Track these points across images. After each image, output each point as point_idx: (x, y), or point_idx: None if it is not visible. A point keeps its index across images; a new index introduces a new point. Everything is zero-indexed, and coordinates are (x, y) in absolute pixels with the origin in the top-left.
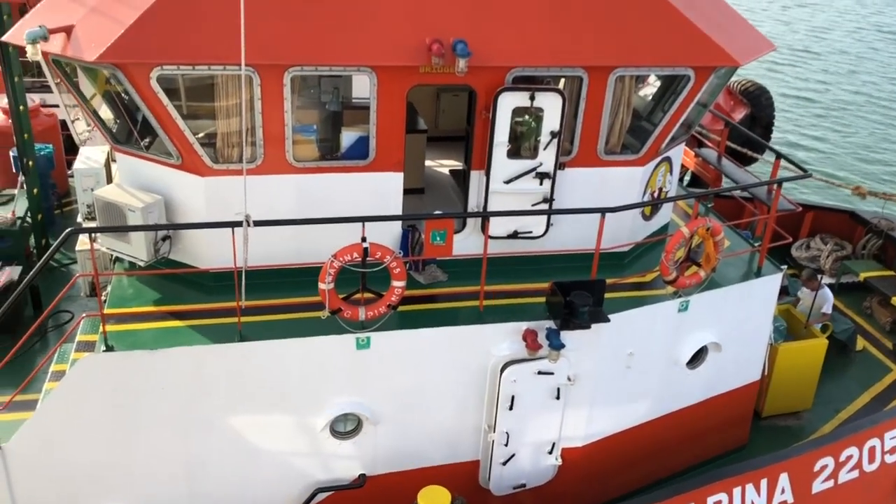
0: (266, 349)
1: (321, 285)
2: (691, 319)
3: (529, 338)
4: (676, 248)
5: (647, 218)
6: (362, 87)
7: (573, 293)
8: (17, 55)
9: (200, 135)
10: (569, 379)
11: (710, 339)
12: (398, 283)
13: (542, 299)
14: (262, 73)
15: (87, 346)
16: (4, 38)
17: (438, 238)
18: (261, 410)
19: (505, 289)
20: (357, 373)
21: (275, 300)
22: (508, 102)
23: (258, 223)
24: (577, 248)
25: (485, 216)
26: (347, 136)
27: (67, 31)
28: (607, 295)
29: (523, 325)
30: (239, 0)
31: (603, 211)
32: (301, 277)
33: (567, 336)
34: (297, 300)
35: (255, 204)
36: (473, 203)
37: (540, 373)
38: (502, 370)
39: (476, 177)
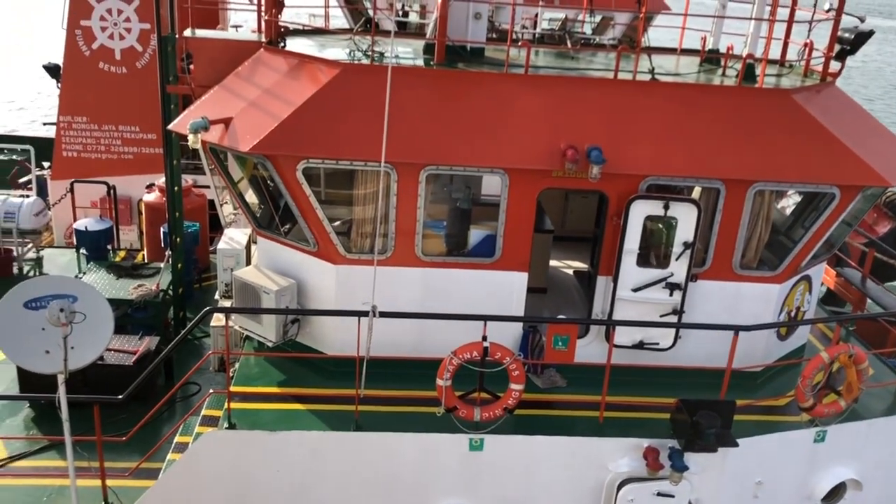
0: (380, 441)
1: (439, 381)
2: (828, 452)
3: (650, 456)
4: (814, 372)
5: (782, 338)
6: (491, 184)
7: (700, 412)
8: (178, 141)
9: (335, 224)
10: None
11: (850, 475)
12: (516, 387)
13: (667, 416)
14: (399, 170)
15: (212, 421)
16: (170, 126)
17: (561, 343)
18: (370, 501)
19: (627, 401)
20: (468, 474)
21: (392, 391)
22: (641, 210)
23: (383, 314)
24: (706, 364)
25: (610, 324)
26: (475, 234)
27: (226, 122)
28: (736, 417)
29: (644, 442)
30: (381, 102)
31: (736, 328)
32: (420, 370)
33: (691, 458)
34: (414, 393)
35: (381, 294)
36: (598, 309)
37: (659, 494)
38: (619, 487)
39: (602, 282)
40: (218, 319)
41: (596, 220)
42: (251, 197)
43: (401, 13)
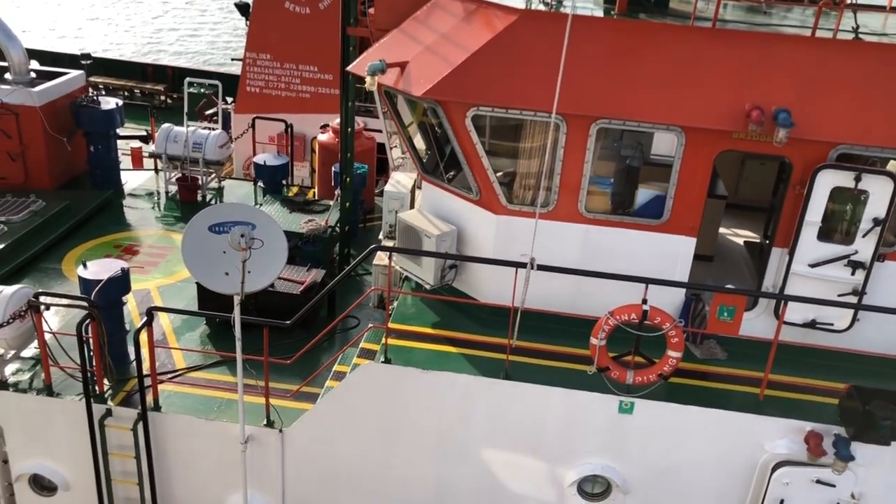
0: (529, 392)
1: (593, 340)
2: None
3: (813, 441)
4: None
5: None
6: (662, 143)
7: (874, 402)
8: (354, 83)
9: (499, 174)
10: (853, 496)
11: None
12: (674, 354)
13: (834, 401)
14: (569, 122)
15: (368, 354)
16: (349, 67)
17: (726, 314)
18: (514, 450)
19: (790, 381)
20: (615, 436)
21: (544, 345)
22: (828, 181)
23: (542, 267)
24: (885, 352)
25: (783, 299)
26: (643, 194)
27: (402, 66)
28: None
29: (807, 426)
30: (556, 51)
31: None
32: (572, 327)
33: (858, 448)
34: (566, 349)
35: (540, 247)
36: (769, 282)
37: (818, 482)
38: (774, 469)
39: (777, 254)
40: (380, 258)
41: (774, 188)
42: (419, 142)
43: None
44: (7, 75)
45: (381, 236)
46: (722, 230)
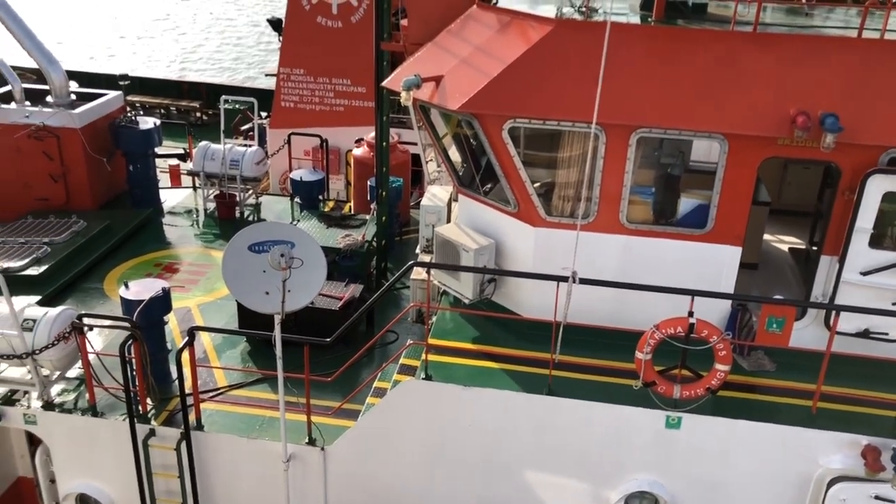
0: (573, 408)
1: (638, 354)
2: None
3: (870, 455)
4: None
5: None
6: (700, 150)
7: None
8: (388, 97)
9: (536, 185)
10: None
11: None
12: (722, 367)
13: (891, 414)
14: (608, 132)
15: (409, 370)
16: (384, 83)
17: (775, 325)
18: (559, 467)
19: (844, 393)
20: (662, 452)
21: (587, 359)
22: (880, 186)
23: (584, 281)
24: None
25: (834, 309)
26: (686, 203)
27: (437, 80)
28: None
29: (863, 440)
30: (593, 60)
31: None
32: (616, 341)
33: None
34: (610, 364)
35: (580, 259)
36: (819, 291)
37: (877, 498)
38: (829, 485)
39: (826, 262)
40: (418, 273)
41: (819, 193)
42: (454, 154)
43: None
44: (48, 98)
45: (418, 250)
46: (766, 237)
